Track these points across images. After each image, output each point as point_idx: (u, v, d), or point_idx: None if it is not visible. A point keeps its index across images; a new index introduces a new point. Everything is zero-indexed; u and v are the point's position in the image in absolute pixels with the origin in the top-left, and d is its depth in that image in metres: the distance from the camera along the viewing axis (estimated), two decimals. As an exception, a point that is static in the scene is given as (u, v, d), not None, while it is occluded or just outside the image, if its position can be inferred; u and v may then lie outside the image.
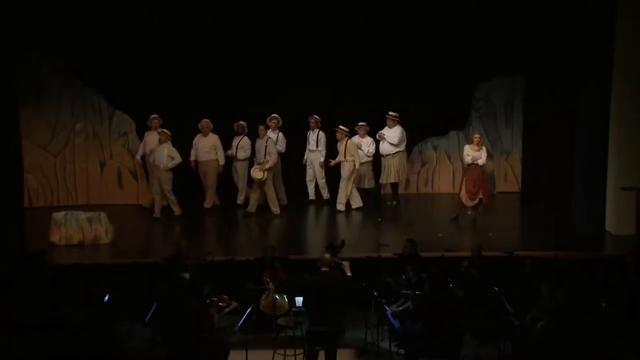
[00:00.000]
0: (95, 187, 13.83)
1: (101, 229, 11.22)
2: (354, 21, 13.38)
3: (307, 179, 13.53)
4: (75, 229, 11.11)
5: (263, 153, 12.52)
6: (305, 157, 13.48)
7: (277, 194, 12.87)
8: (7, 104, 13.21)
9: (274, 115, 13.13)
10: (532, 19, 12.90)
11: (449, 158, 14.75)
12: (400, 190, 14.59)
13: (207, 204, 13.12)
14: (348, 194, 13.03)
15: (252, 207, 12.72)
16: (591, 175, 11.67)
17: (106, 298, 8.47)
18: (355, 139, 13.24)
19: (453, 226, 12.18)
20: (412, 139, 14.60)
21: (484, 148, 12.39)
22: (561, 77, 12.46)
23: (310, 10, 13.22)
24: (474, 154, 12.21)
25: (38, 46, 13.24)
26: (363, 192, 13.38)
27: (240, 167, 13.06)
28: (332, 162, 13.08)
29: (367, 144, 13.20)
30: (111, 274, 9.49)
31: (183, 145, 12.92)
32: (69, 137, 13.68)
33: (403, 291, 8.97)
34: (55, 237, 11.06)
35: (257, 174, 12.46)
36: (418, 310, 8.38)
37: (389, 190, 14.19)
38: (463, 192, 12.28)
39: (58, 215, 11.18)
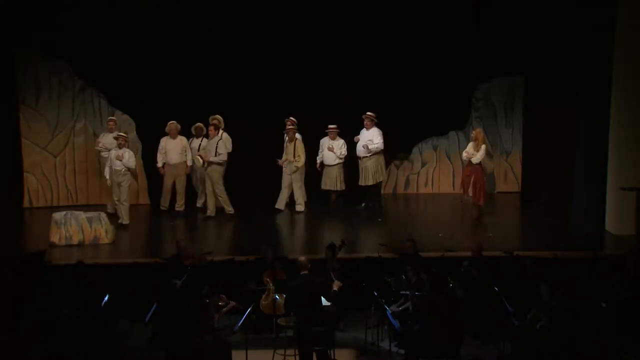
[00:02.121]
0: (95, 187, 13.83)
1: (101, 229, 11.22)
2: (353, 21, 13.36)
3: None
4: (75, 229, 11.11)
5: (213, 153, 12.45)
6: (283, 158, 13.29)
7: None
8: (7, 104, 13.24)
9: (216, 115, 12.82)
10: (532, 19, 12.89)
11: (449, 158, 14.75)
12: (400, 190, 14.64)
13: (180, 206, 12.99)
14: (304, 193, 13.03)
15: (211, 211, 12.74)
16: (591, 176, 11.66)
17: (106, 298, 8.47)
18: (326, 140, 13.18)
19: (453, 226, 12.18)
20: (412, 139, 14.68)
21: (483, 147, 12.33)
22: (561, 77, 12.46)
23: (309, 10, 13.21)
24: (471, 151, 12.23)
25: (38, 46, 13.25)
26: (334, 194, 13.33)
27: (202, 169, 12.89)
28: (281, 162, 12.94)
29: (338, 147, 13.10)
30: (111, 274, 9.47)
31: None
32: (69, 137, 13.68)
33: (402, 292, 8.96)
34: (55, 237, 11.05)
35: (197, 161, 12.48)
36: (418, 310, 8.39)
37: (389, 190, 14.29)
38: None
39: (58, 215, 11.17)
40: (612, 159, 11.44)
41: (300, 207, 13.01)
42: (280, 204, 13.01)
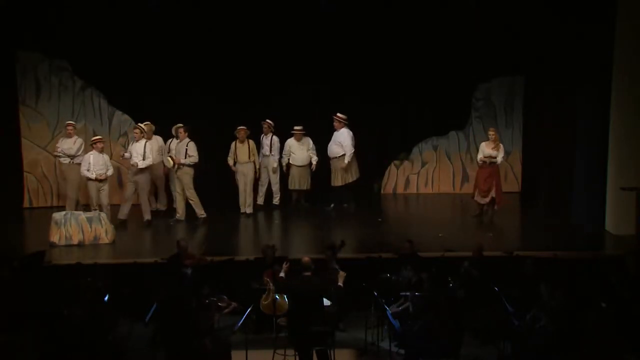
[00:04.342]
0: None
1: (101, 229, 11.22)
2: (353, 21, 13.36)
3: (259, 183, 13.33)
4: (75, 229, 11.11)
5: (183, 155, 12.25)
6: (259, 161, 13.21)
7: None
8: (7, 103, 13.25)
9: (139, 124, 12.57)
10: (532, 19, 12.88)
11: (449, 158, 14.75)
12: (400, 190, 14.65)
13: (163, 205, 13.08)
14: (252, 195, 12.97)
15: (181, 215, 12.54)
16: (591, 175, 11.67)
17: (106, 298, 8.46)
18: (291, 142, 13.16)
19: (453, 226, 12.18)
20: (412, 139, 14.69)
21: (501, 146, 12.32)
22: (561, 77, 12.47)
23: (309, 10, 13.20)
24: (490, 152, 12.21)
25: (38, 46, 13.26)
26: (295, 194, 13.36)
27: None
28: (233, 166, 12.83)
29: (309, 147, 13.14)
30: (111, 274, 9.47)
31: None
32: (69, 137, 13.68)
33: (402, 293, 8.95)
34: (55, 237, 11.05)
35: (167, 162, 12.38)
36: (418, 310, 8.38)
37: (389, 190, 14.31)
38: (475, 190, 12.35)
39: (58, 215, 11.18)
40: (612, 159, 11.45)
41: (249, 209, 12.90)
42: (249, 208, 12.89)
